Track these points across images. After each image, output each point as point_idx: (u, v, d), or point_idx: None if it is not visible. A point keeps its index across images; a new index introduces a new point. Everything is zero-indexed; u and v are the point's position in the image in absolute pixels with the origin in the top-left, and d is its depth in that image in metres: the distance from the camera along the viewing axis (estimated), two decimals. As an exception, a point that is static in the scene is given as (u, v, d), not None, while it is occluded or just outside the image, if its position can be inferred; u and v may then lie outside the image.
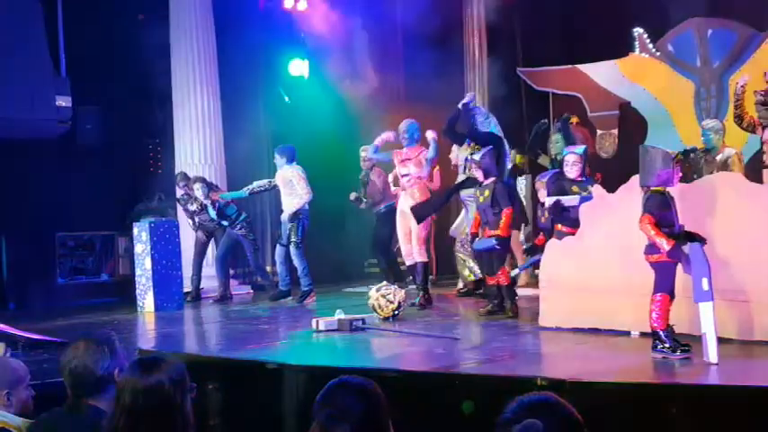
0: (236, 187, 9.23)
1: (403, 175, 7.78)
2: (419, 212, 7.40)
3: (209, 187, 8.86)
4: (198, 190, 8.80)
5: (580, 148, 6.74)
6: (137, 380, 2.34)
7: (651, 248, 4.70)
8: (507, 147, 7.42)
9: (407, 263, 7.84)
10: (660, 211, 4.67)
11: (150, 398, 2.31)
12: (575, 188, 6.40)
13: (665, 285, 4.65)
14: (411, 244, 7.67)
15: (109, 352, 2.73)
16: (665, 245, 4.55)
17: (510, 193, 6.82)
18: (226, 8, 9.82)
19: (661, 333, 4.64)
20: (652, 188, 4.76)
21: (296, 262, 8.35)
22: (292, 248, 8.29)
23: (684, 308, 4.81)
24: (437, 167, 8.46)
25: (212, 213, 8.78)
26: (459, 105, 7.36)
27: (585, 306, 5.70)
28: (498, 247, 6.52)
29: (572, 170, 6.46)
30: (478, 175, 6.80)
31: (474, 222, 6.89)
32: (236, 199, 8.94)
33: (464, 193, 7.57)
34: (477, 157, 6.84)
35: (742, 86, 6.98)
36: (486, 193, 6.67)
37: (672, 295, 4.67)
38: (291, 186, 8.31)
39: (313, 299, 8.34)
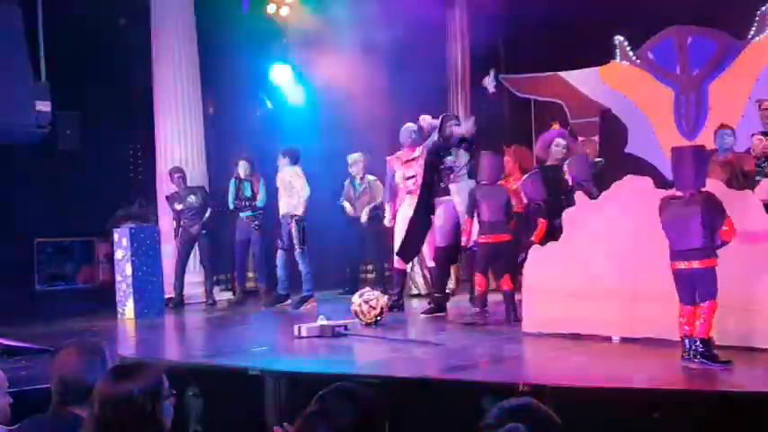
0: (221, 196, 9.21)
1: (409, 177, 7.76)
2: (408, 255, 7.49)
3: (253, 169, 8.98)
4: (242, 168, 8.92)
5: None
6: (106, 389, 2.32)
7: (702, 252, 4.51)
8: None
9: (396, 266, 7.81)
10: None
11: (118, 407, 2.29)
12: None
13: (714, 290, 4.50)
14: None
15: (100, 360, 2.71)
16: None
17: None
18: (208, 12, 9.78)
19: (707, 341, 4.48)
20: (702, 190, 4.61)
21: (300, 266, 8.27)
22: (297, 252, 8.24)
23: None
24: None
25: (248, 191, 8.87)
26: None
27: (568, 312, 5.73)
28: None
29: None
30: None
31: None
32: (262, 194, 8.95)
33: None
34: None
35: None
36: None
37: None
38: (291, 187, 8.30)
39: (313, 304, 8.22)
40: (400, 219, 7.83)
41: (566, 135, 7.89)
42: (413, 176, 7.69)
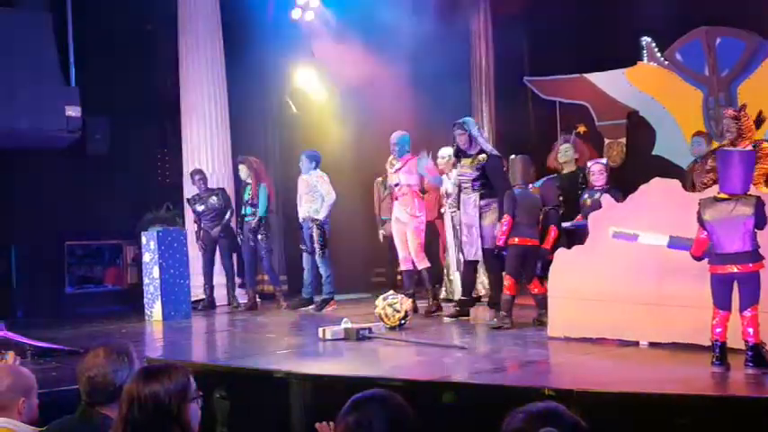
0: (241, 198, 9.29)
1: (395, 185, 7.85)
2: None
3: (256, 173, 8.87)
4: (240, 171, 8.86)
5: (604, 159, 7.06)
6: (135, 389, 2.35)
7: (752, 256, 4.43)
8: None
9: (402, 268, 7.91)
10: None
11: (145, 408, 2.31)
12: (587, 202, 6.59)
13: (759, 294, 4.42)
14: (407, 251, 7.75)
15: (127, 362, 2.74)
16: None
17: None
18: (234, 17, 9.87)
19: (758, 346, 4.41)
20: (750, 194, 4.52)
21: (321, 269, 8.35)
22: (318, 255, 8.29)
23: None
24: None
25: (246, 196, 8.82)
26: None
27: (594, 316, 5.68)
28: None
29: (600, 178, 6.85)
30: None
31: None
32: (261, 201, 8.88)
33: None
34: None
35: None
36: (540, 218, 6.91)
37: None
38: (315, 192, 8.33)
39: (334, 306, 8.31)
40: (392, 223, 7.94)
41: (569, 140, 7.95)
42: (397, 184, 7.78)
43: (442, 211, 8.42)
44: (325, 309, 8.27)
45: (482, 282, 8.17)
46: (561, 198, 7.15)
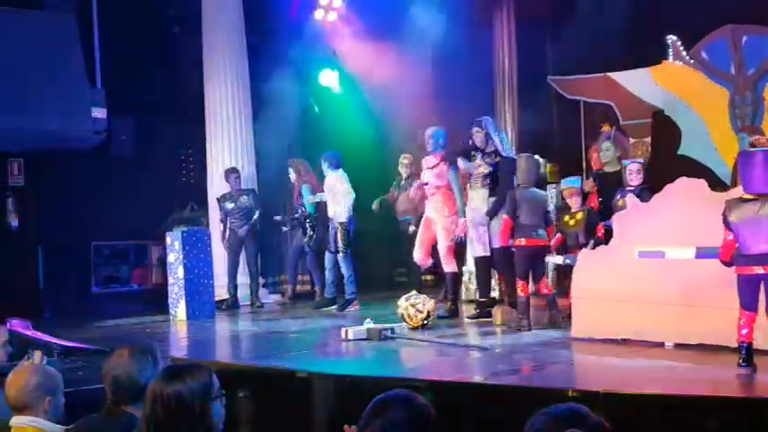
0: (268, 199, 9.33)
1: (424, 184, 7.75)
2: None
3: (299, 174, 9.01)
4: (291, 173, 9.02)
5: (641, 158, 7.04)
6: (158, 389, 2.36)
7: None
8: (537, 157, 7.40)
9: (422, 268, 7.89)
10: None
11: (168, 407, 2.32)
12: (620, 202, 6.54)
13: None
14: (423, 250, 7.65)
15: (152, 361, 2.77)
16: None
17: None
18: (258, 18, 9.92)
19: None
20: None
21: (343, 269, 8.35)
22: (340, 256, 8.30)
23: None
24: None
25: (307, 195, 8.89)
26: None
27: (619, 316, 5.64)
28: None
29: (636, 178, 6.73)
30: (572, 202, 7.01)
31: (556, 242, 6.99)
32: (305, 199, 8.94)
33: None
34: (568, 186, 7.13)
35: None
36: (580, 216, 6.85)
37: None
38: (336, 192, 8.36)
39: (356, 307, 8.32)
40: (422, 221, 7.82)
41: (611, 136, 7.86)
42: (427, 183, 7.65)
43: None
44: (348, 309, 8.28)
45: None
46: (600, 199, 7.14)
